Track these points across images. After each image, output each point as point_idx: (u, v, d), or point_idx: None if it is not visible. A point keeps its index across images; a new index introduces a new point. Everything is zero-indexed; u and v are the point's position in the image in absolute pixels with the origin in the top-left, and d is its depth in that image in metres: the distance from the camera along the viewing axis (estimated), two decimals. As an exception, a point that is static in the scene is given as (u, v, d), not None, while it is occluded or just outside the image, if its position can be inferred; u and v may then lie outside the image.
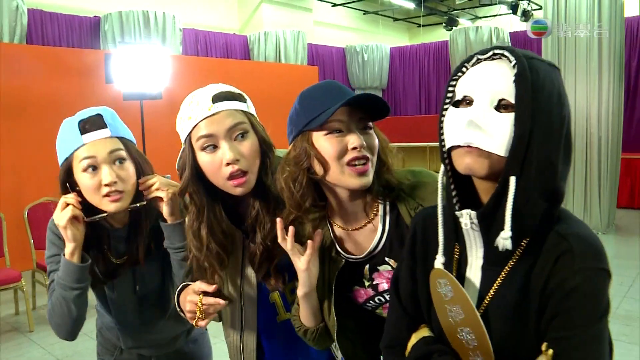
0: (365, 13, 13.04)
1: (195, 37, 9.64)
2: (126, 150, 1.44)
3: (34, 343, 4.14)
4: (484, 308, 0.94)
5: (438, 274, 0.98)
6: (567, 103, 0.92)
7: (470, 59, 0.95)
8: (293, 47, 10.52)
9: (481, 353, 0.94)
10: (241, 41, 10.49)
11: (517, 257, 0.92)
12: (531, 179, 0.87)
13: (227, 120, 1.28)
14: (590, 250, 0.88)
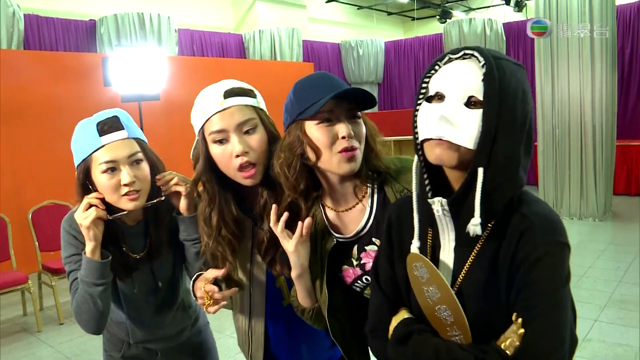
0: (359, 8, 13.05)
1: (191, 38, 9.67)
2: (142, 151, 1.51)
3: (43, 342, 4.23)
4: (457, 286, 1.02)
5: (414, 257, 1.05)
6: (530, 100, 1.00)
7: (443, 58, 1.02)
8: (288, 44, 10.56)
9: (458, 327, 1.02)
10: (236, 40, 10.52)
11: (485, 237, 1.00)
12: (497, 170, 0.94)
13: (237, 115, 1.38)
14: (550, 225, 0.97)
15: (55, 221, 4.95)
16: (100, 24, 8.08)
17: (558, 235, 0.97)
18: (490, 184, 0.94)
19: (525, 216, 0.98)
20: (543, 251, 0.95)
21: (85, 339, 4.21)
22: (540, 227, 0.96)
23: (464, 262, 1.02)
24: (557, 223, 0.98)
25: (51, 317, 4.72)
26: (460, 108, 0.96)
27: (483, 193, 0.94)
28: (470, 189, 0.95)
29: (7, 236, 4.67)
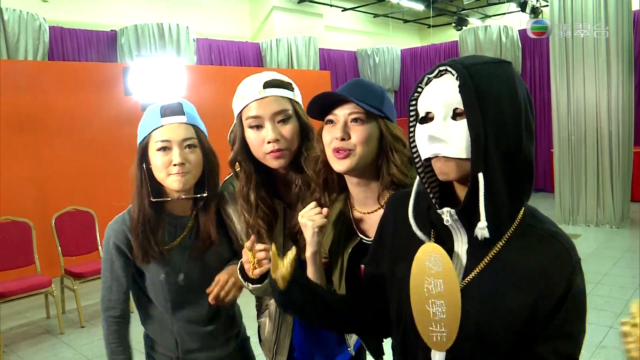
0: (375, 16, 13.12)
1: (209, 47, 9.81)
2: (197, 138, 1.58)
3: (66, 344, 4.34)
4: (463, 286, 1.03)
5: (432, 248, 1.04)
6: (521, 91, 1.01)
7: (422, 80, 1.06)
8: (305, 53, 10.66)
9: (445, 325, 1.03)
10: (254, 49, 10.65)
11: (503, 245, 1.02)
12: (496, 172, 0.96)
13: (273, 104, 1.50)
14: (574, 250, 1.03)
15: (77, 227, 5.10)
16: (121, 35, 8.25)
17: (576, 254, 1.03)
18: (492, 186, 0.96)
19: (553, 236, 1.03)
20: (578, 278, 1.01)
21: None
22: (572, 252, 1.02)
23: (476, 264, 1.03)
24: (571, 241, 1.05)
25: (73, 320, 4.85)
26: (448, 123, 0.99)
27: (487, 197, 0.96)
28: (476, 196, 0.97)
29: (32, 241, 4.81)
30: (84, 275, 4.79)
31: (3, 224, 4.75)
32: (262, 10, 11.08)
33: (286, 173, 1.60)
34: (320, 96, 1.35)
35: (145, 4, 9.22)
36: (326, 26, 11.93)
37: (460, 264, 1.05)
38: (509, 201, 0.99)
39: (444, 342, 1.03)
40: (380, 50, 12.02)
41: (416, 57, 12.12)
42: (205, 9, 10.21)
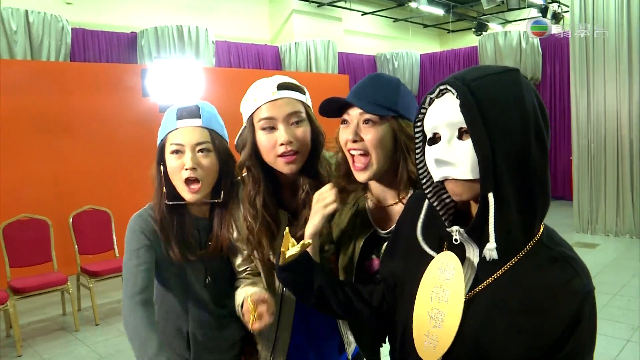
0: (395, 20, 13.12)
1: (228, 49, 9.87)
2: (212, 142, 1.55)
3: (80, 341, 4.40)
4: (468, 297, 1.00)
5: (449, 258, 1.03)
6: (529, 99, 0.96)
7: (425, 100, 1.02)
8: (324, 56, 10.69)
9: (439, 336, 1.01)
10: (273, 52, 10.70)
11: (515, 262, 0.98)
12: (507, 189, 0.92)
13: (287, 106, 1.49)
14: (588, 275, 0.98)
15: (94, 226, 5.16)
16: (141, 37, 8.35)
17: (590, 282, 0.98)
18: (503, 206, 0.92)
19: (566, 260, 0.98)
20: (589, 305, 0.96)
21: (120, 340, 4.36)
22: (585, 278, 0.97)
23: (485, 278, 1.00)
24: (585, 267, 1.00)
25: (88, 318, 4.90)
26: (454, 144, 0.96)
27: (497, 216, 0.92)
28: (486, 215, 0.93)
29: (50, 239, 4.88)
30: (100, 274, 4.84)
31: (22, 222, 4.82)
32: (282, 13, 11.14)
33: (294, 178, 1.58)
34: (328, 101, 1.36)
35: (165, 6, 9.32)
36: (345, 30, 11.95)
37: (470, 274, 1.02)
38: (522, 217, 0.95)
39: (432, 352, 1.01)
40: (399, 55, 12.01)
41: (435, 62, 12.08)
42: (225, 12, 10.29)
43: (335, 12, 11.62)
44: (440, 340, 1.01)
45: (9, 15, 6.79)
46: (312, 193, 1.50)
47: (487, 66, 1.01)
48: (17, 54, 6.87)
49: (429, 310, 1.04)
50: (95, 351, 4.18)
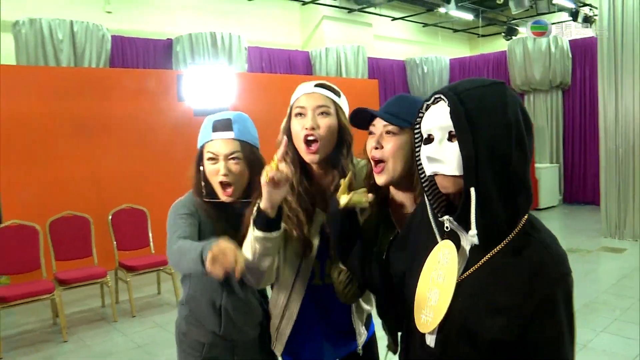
0: (424, 25, 13.20)
1: (260, 55, 10.10)
2: (242, 152, 1.79)
3: (118, 331, 4.68)
4: (459, 280, 1.16)
5: (447, 245, 1.19)
6: (512, 109, 1.10)
7: (422, 107, 1.20)
8: (353, 62, 10.85)
9: (434, 311, 1.17)
10: (304, 57, 10.90)
11: (499, 250, 1.12)
12: (487, 186, 1.07)
13: (318, 99, 1.72)
14: (563, 260, 1.13)
15: (131, 223, 5.45)
16: (176, 43, 8.65)
17: (566, 267, 1.12)
18: (484, 199, 1.07)
19: (545, 247, 1.12)
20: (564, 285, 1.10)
21: (155, 331, 4.63)
22: (558, 263, 1.11)
23: (474, 264, 1.15)
24: (563, 253, 1.14)
25: (125, 310, 5.19)
26: (444, 144, 1.12)
27: (480, 208, 1.07)
28: (469, 207, 1.09)
29: (90, 235, 5.19)
30: (136, 269, 5.12)
31: (66, 218, 5.14)
32: (313, 19, 11.35)
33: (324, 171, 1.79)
34: (356, 111, 1.59)
35: (199, 13, 9.63)
36: (375, 35, 12.10)
37: (463, 258, 1.19)
38: (505, 212, 1.09)
39: (427, 325, 1.18)
40: (428, 60, 12.09)
41: (465, 67, 12.12)
42: (257, 18, 10.55)
43: (365, 17, 11.78)
44: (434, 316, 1.17)
45: (56, 26, 7.19)
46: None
47: (478, 79, 1.17)
48: (62, 61, 7.26)
49: (428, 290, 1.20)
50: (132, 340, 4.45)
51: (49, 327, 4.88)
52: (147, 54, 8.70)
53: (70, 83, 6.53)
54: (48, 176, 6.24)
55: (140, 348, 4.28)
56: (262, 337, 1.94)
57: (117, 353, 4.21)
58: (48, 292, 4.46)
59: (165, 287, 5.75)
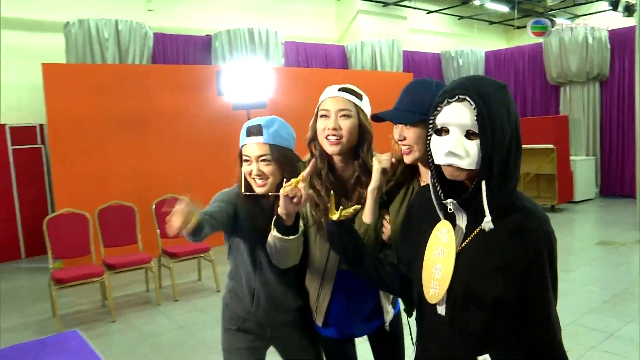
0: (460, 18, 13.17)
1: (297, 49, 10.32)
2: (271, 154, 1.99)
3: (162, 314, 4.97)
4: (458, 250, 1.33)
5: (444, 225, 1.37)
6: (513, 110, 1.27)
7: (443, 100, 1.29)
8: (388, 55, 10.95)
9: (439, 283, 1.33)
10: (339, 51, 11.06)
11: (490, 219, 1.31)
12: (495, 180, 1.24)
13: (340, 103, 1.94)
14: (542, 218, 1.30)
15: (174, 212, 5.72)
16: (215, 39, 8.93)
17: (548, 226, 1.29)
18: (491, 190, 1.24)
19: (529, 211, 1.29)
20: (547, 239, 1.27)
21: (196, 314, 4.90)
22: (542, 224, 1.28)
23: (470, 235, 1.31)
24: (545, 215, 1.31)
25: (168, 295, 5.48)
26: (461, 140, 1.25)
27: (486, 196, 1.24)
28: (476, 195, 1.25)
29: (135, 223, 5.50)
30: (178, 255, 5.41)
31: (113, 207, 5.45)
32: (348, 13, 11.49)
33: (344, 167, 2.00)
34: (373, 117, 1.84)
35: (237, 10, 9.89)
36: (410, 28, 12.15)
37: (460, 234, 1.36)
38: (501, 193, 1.27)
39: (435, 295, 1.35)
40: (464, 53, 12.08)
41: (500, 59, 12.06)
42: (294, 14, 10.75)
43: (400, 11, 11.85)
44: (440, 286, 1.32)
45: (102, 26, 7.56)
46: (362, 177, 1.95)
47: (488, 79, 1.30)
48: (108, 59, 7.62)
49: (432, 266, 1.37)
50: (175, 322, 4.73)
51: (99, 308, 5.23)
52: (187, 50, 9.00)
53: (115, 79, 6.88)
54: (96, 168, 6.61)
55: (182, 329, 4.55)
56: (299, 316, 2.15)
57: (161, 333, 4.49)
58: (98, 275, 4.78)
59: (206, 274, 6.03)
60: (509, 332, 1.29)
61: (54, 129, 6.48)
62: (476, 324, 1.30)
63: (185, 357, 3.99)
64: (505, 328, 1.29)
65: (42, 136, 7.70)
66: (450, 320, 1.34)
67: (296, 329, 2.17)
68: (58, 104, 6.46)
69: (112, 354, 4.05)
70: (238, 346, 2.15)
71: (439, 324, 1.38)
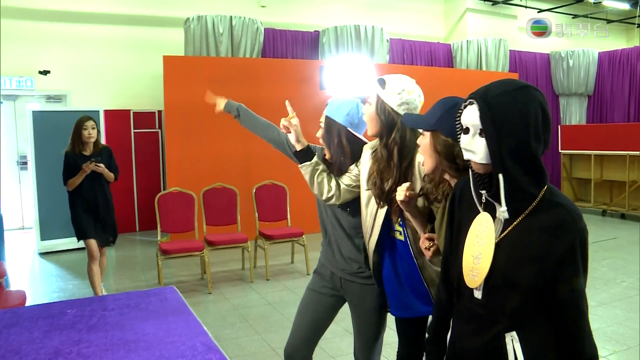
0: (574, 17, 12.60)
1: (402, 47, 10.41)
2: (325, 122, 2.41)
3: (254, 290, 5.38)
4: (497, 241, 1.46)
5: (484, 217, 1.51)
6: (533, 110, 1.35)
7: (465, 104, 1.45)
8: (494, 55, 10.76)
9: (478, 269, 1.45)
10: (445, 49, 11.01)
11: (526, 214, 1.40)
12: (511, 173, 1.35)
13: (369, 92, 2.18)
14: (579, 217, 1.39)
15: (272, 198, 6.13)
16: (323, 35, 9.27)
17: (581, 222, 1.38)
18: (510, 183, 1.35)
19: (563, 206, 1.38)
20: (581, 235, 1.37)
21: (285, 293, 5.26)
22: (576, 219, 1.37)
23: (508, 227, 1.42)
24: (579, 212, 1.40)
25: (261, 274, 5.90)
26: (475, 138, 1.40)
27: (507, 190, 1.36)
28: (498, 188, 1.38)
29: (236, 205, 5.96)
30: (274, 238, 5.80)
31: (217, 189, 5.95)
32: (456, 11, 11.42)
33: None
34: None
35: (345, 7, 10.18)
36: (520, 28, 11.83)
37: (499, 225, 1.49)
38: (530, 187, 1.37)
39: (475, 280, 1.49)
40: (575, 53, 11.60)
41: (615, 61, 11.44)
42: (401, 11, 10.86)
43: (510, 10, 11.59)
44: (480, 273, 1.45)
45: (218, 21, 8.15)
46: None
47: (509, 82, 1.41)
48: (222, 52, 8.19)
49: (473, 253, 1.52)
50: (264, 298, 5.11)
51: (197, 280, 5.75)
52: (295, 45, 9.41)
53: (227, 71, 7.42)
54: (204, 152, 7.19)
55: (270, 305, 4.92)
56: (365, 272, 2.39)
57: (251, 307, 4.88)
58: (199, 250, 5.26)
59: (298, 258, 6.38)
60: (539, 315, 1.43)
61: (170, 115, 7.13)
62: (510, 307, 1.44)
63: (269, 328, 4.34)
64: (535, 311, 1.43)
65: (160, 121, 8.46)
66: (486, 303, 1.49)
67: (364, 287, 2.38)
68: (175, 93, 7.09)
69: (204, 320, 4.43)
70: (310, 286, 2.51)
71: (476, 306, 1.52)
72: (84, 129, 4.70)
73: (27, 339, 1.88)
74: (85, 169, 4.58)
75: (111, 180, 4.81)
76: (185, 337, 1.89)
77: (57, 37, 8.11)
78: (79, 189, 4.68)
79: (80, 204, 4.72)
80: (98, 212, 4.76)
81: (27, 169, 7.86)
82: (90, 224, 4.73)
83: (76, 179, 4.62)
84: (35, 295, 5.26)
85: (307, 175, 2.34)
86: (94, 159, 4.62)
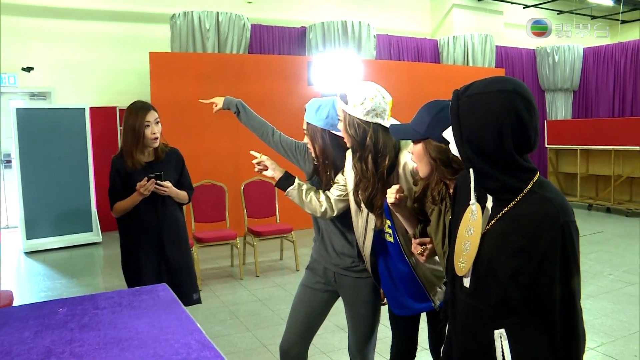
0: (559, 13, 12.70)
1: (389, 42, 10.45)
2: (307, 129, 2.43)
3: (243, 287, 5.36)
4: (484, 231, 1.48)
5: (476, 207, 1.52)
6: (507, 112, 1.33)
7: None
8: (481, 50, 10.83)
9: (466, 258, 1.49)
10: (432, 45, 11.07)
11: (512, 206, 1.41)
12: (482, 166, 1.39)
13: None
14: (565, 210, 1.37)
15: (261, 194, 6.12)
16: (310, 31, 9.26)
17: (568, 216, 1.36)
18: (481, 175, 1.41)
19: (548, 200, 1.37)
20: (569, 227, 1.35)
21: (275, 289, 5.25)
22: (560, 214, 1.36)
23: (494, 217, 1.45)
24: (566, 206, 1.39)
25: (250, 270, 5.89)
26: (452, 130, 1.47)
27: (482, 181, 1.42)
28: (477, 180, 1.44)
29: (225, 202, 5.93)
30: (263, 234, 5.78)
31: (205, 186, 5.92)
32: (443, 7, 11.46)
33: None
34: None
35: (332, 2, 10.17)
36: (506, 23, 11.91)
37: (487, 215, 1.52)
38: (510, 180, 1.39)
39: (463, 268, 1.53)
40: (560, 49, 11.70)
41: (600, 56, 11.57)
42: (388, 7, 10.88)
43: (496, 5, 11.65)
44: (467, 261, 1.48)
45: (204, 17, 8.10)
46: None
47: (491, 83, 1.40)
48: (208, 48, 8.15)
49: (462, 242, 1.55)
50: (254, 295, 5.10)
51: (187, 278, 5.70)
52: (282, 41, 9.39)
53: (214, 67, 7.38)
54: (192, 149, 7.12)
55: (261, 302, 4.91)
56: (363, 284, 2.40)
57: (241, 304, 4.87)
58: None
59: (287, 254, 6.39)
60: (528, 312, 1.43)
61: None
62: (494, 298, 1.45)
63: (260, 325, 4.33)
64: (520, 306, 1.43)
65: (147, 118, 8.36)
66: (473, 292, 1.51)
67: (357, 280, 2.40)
68: (162, 89, 7.04)
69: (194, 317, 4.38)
70: (303, 283, 2.52)
71: (465, 296, 1.55)
72: (146, 125, 3.06)
73: (17, 339, 1.85)
74: (142, 190, 2.91)
75: (183, 201, 3.29)
76: (179, 335, 1.88)
77: (40, 33, 8.02)
78: (134, 214, 3.02)
79: (132, 239, 3.10)
80: (164, 251, 3.10)
81: (12, 167, 7.77)
82: (151, 268, 3.10)
83: (127, 202, 2.97)
84: (23, 295, 5.21)
85: (295, 199, 2.36)
86: (153, 175, 2.99)
